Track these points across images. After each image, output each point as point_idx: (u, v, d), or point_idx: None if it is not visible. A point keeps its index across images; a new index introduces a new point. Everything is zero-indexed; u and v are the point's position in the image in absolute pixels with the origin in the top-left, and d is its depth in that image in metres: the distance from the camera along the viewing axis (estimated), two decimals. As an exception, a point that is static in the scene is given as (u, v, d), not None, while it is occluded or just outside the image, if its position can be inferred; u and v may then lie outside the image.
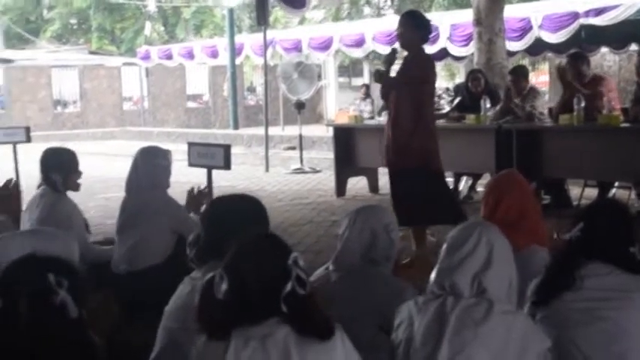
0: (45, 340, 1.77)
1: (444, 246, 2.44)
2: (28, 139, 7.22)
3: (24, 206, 4.38)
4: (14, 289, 1.80)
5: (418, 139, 5.49)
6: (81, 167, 4.41)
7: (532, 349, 2.30)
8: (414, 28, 5.61)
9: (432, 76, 5.66)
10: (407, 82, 5.52)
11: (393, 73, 5.71)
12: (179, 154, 5.86)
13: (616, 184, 7.53)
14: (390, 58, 5.76)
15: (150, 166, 4.28)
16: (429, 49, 13.84)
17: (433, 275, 2.40)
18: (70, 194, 4.38)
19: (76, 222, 4.22)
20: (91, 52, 26.43)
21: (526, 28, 11.61)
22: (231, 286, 1.91)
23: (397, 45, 6.02)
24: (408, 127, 5.50)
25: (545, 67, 19.15)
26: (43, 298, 1.79)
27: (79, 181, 4.36)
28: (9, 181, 4.16)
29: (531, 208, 3.39)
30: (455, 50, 12.93)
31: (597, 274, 2.54)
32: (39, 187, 4.33)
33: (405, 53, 5.85)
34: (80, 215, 4.36)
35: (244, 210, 2.74)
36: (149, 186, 4.26)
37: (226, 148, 4.93)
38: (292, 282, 1.92)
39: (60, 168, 4.27)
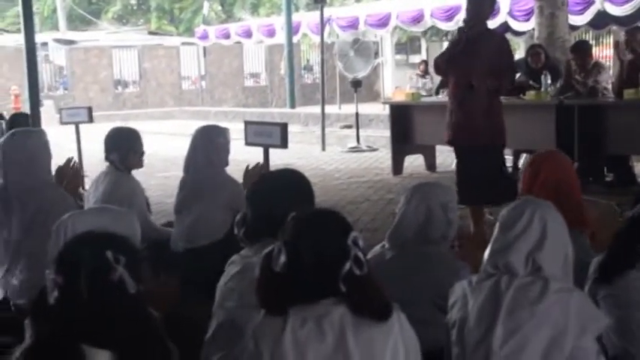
0: (105, 315, 1.80)
1: (497, 225, 2.40)
2: (91, 119, 7.38)
3: (87, 185, 4.48)
4: (74, 266, 1.83)
5: (492, 116, 5.45)
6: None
7: (590, 327, 2.25)
8: (480, 3, 5.50)
9: (512, 58, 5.69)
10: (494, 67, 5.39)
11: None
12: (236, 132, 5.89)
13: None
14: (461, 35, 5.60)
15: (208, 145, 4.32)
16: (490, 23, 13.69)
17: (486, 255, 2.37)
18: (134, 172, 4.48)
19: (138, 200, 4.30)
20: (150, 33, 26.77)
21: (589, 1, 11.30)
22: (288, 261, 1.91)
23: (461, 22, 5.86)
24: (482, 105, 5.43)
25: (609, 40, 18.60)
26: (101, 275, 1.82)
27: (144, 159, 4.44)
28: (69, 160, 4.26)
29: (571, 185, 3.30)
30: (516, 25, 12.69)
31: (661, 253, 2.48)
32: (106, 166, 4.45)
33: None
34: (142, 194, 4.44)
35: (289, 186, 2.70)
36: (207, 164, 4.30)
37: (283, 127, 4.94)
38: (350, 262, 1.90)
39: (118, 148, 4.36)
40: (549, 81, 7.43)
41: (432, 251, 2.87)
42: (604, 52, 18.29)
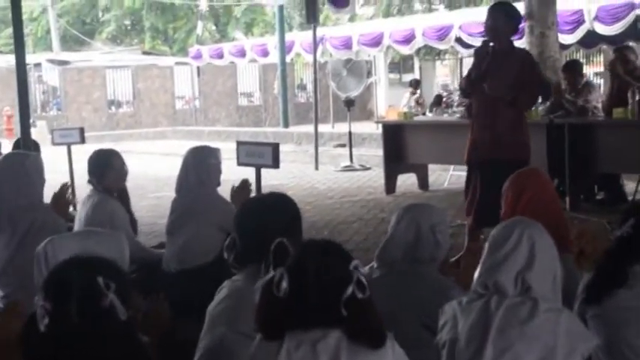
0: (96, 341, 1.79)
1: (487, 245, 2.42)
2: (83, 140, 7.38)
3: (78, 206, 4.50)
4: (63, 292, 1.82)
5: (517, 132, 5.37)
6: (133, 167, 4.50)
7: (579, 347, 2.26)
8: (507, 18, 5.39)
9: (537, 75, 5.60)
10: (516, 84, 5.30)
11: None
12: (229, 152, 5.91)
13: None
14: (483, 52, 5.47)
15: (200, 166, 4.34)
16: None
17: (476, 275, 2.38)
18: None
19: (119, 222, 4.30)
20: (144, 53, 26.85)
21: (579, 21, 11.41)
22: (292, 286, 1.90)
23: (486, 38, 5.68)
24: (506, 120, 5.33)
25: (600, 59, 18.74)
26: (92, 301, 1.81)
27: (132, 180, 4.46)
28: (64, 185, 4.28)
29: (555, 203, 3.33)
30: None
31: (649, 271, 2.49)
32: None
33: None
34: (124, 215, 4.43)
35: (276, 210, 2.69)
36: (199, 185, 4.31)
37: (275, 147, 4.96)
38: (353, 285, 1.90)
39: (93, 170, 4.40)
40: (540, 100, 7.47)
41: (420, 271, 2.87)
42: (594, 71, 18.43)
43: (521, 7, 10.67)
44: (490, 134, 5.39)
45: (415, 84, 17.08)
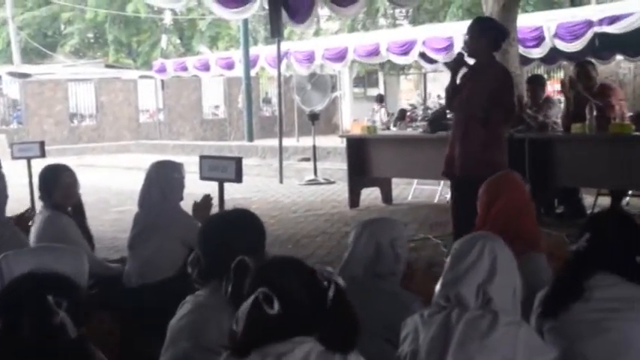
0: (45, 359, 1.77)
1: (449, 257, 2.45)
2: (43, 154, 7.27)
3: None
4: (15, 309, 1.81)
5: (490, 149, 5.37)
6: (95, 181, 4.47)
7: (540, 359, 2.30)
8: (478, 34, 5.41)
9: (511, 91, 5.54)
10: (487, 100, 5.32)
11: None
12: (193, 166, 5.89)
13: (629, 192, 7.51)
14: (457, 65, 5.54)
15: (164, 180, 4.31)
16: (442, 58, 13.95)
17: (438, 287, 2.41)
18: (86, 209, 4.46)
19: (71, 238, 4.25)
20: (108, 66, 26.65)
21: (540, 37, 11.61)
22: (282, 302, 1.88)
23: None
24: (480, 137, 5.36)
25: (560, 75, 19.07)
26: (43, 318, 1.79)
27: (95, 194, 4.42)
28: (28, 210, 4.25)
29: (528, 210, 3.38)
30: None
31: (605, 285, 2.53)
32: None
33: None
34: (76, 231, 4.37)
35: (239, 227, 2.70)
36: (162, 200, 4.29)
37: (238, 161, 4.95)
38: (332, 289, 1.93)
39: (41, 187, 4.36)
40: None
41: (381, 286, 2.89)
42: (555, 87, 18.73)
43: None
44: (461, 150, 5.43)
45: (380, 99, 17.26)
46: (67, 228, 4.27)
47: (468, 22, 14.11)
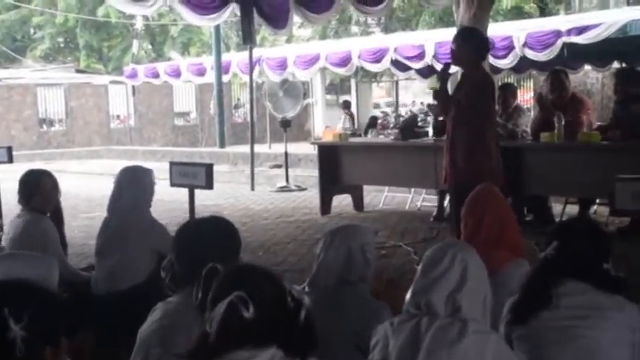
0: None
1: (420, 266, 2.46)
2: (10, 159, 7.17)
3: (5, 227, 4.39)
4: None
5: (476, 156, 5.46)
6: (65, 187, 4.42)
7: None
8: (462, 43, 5.53)
9: (490, 98, 5.63)
10: (468, 108, 5.43)
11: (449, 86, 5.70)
12: (164, 172, 5.85)
13: (597, 200, 7.60)
14: (444, 75, 5.65)
15: (134, 186, 4.28)
16: (416, 65, 14.04)
17: (409, 295, 2.42)
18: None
19: (51, 243, 4.21)
20: (78, 71, 26.42)
21: (509, 47, 11.73)
22: (257, 309, 1.88)
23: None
24: (466, 144, 5.46)
25: (530, 84, 19.28)
26: None
27: (64, 200, 4.38)
28: None
29: (511, 221, 3.42)
30: (440, 68, 13.01)
31: (573, 293, 2.55)
32: None
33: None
34: (56, 235, 4.34)
35: (213, 234, 2.70)
36: (131, 206, 4.25)
37: (208, 167, 4.93)
38: (303, 309, 1.93)
39: (21, 191, 4.33)
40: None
41: (351, 293, 2.89)
42: (524, 96, 18.93)
43: (453, 33, 10.93)
44: (449, 158, 5.57)
45: (345, 104, 17.42)
46: (48, 231, 4.24)
47: (440, 31, 14.25)
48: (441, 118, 7.23)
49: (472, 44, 5.53)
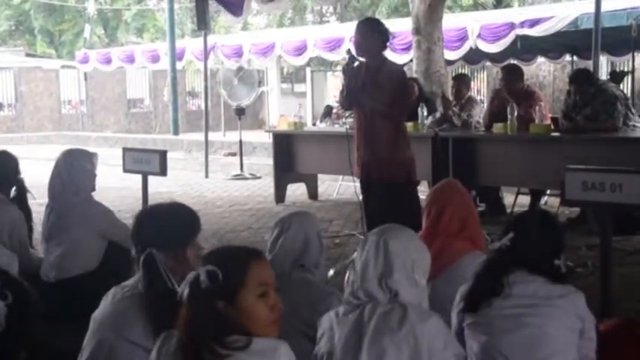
0: None
1: (354, 256, 2.49)
2: (-42, 144, 7.02)
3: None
4: None
5: (395, 150, 5.31)
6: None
7: (445, 352, 2.35)
8: (369, 33, 5.32)
9: (407, 88, 5.58)
10: (389, 99, 5.25)
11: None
12: (117, 159, 5.77)
13: (547, 191, 7.72)
14: (351, 66, 5.40)
15: (73, 170, 4.21)
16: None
17: (346, 286, 2.45)
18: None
19: (18, 230, 4.15)
20: (28, 55, 25.86)
21: (463, 38, 11.83)
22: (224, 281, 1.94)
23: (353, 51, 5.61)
24: (384, 138, 5.29)
25: (484, 75, 19.50)
26: None
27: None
28: None
29: (472, 216, 3.46)
30: (395, 57, 13.05)
31: (524, 282, 2.59)
32: None
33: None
34: (23, 223, 4.27)
35: (171, 218, 2.70)
36: (73, 190, 4.19)
37: (162, 154, 4.89)
38: None
39: None
40: (425, 113, 7.69)
41: (302, 278, 2.90)
42: (478, 88, 19.14)
43: (408, 23, 11.01)
44: (370, 153, 5.35)
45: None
46: (15, 220, 4.15)
47: (395, 21, 14.19)
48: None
49: (380, 35, 5.34)
